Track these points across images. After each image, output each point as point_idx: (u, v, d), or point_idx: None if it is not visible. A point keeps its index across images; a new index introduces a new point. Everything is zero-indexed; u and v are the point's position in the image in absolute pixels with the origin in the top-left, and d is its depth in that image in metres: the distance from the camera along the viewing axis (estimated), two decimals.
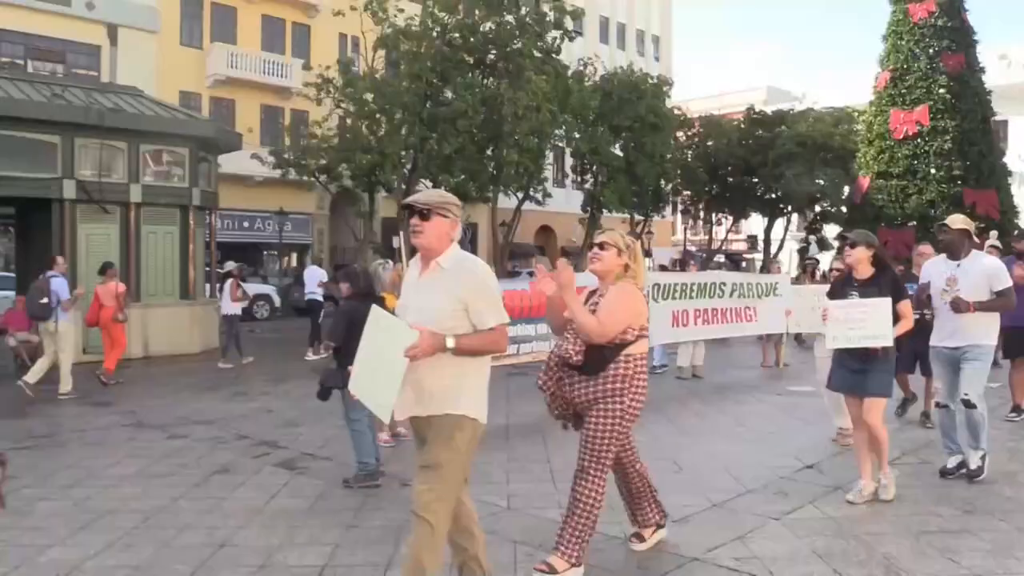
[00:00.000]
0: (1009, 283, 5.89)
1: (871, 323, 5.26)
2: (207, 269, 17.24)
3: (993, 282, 5.84)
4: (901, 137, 22.16)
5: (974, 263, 5.89)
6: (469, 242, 35.70)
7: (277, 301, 25.51)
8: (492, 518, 5.07)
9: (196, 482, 6.08)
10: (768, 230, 35.63)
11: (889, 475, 5.55)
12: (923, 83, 21.90)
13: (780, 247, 35.10)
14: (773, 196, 33.32)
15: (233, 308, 13.56)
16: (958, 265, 5.90)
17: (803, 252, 30.48)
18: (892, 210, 22.35)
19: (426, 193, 3.53)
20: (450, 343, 3.23)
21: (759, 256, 40.51)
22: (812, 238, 34.51)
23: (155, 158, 14.96)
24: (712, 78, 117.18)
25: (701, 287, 10.97)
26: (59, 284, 10.44)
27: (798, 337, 13.40)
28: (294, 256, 32.13)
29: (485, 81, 20.75)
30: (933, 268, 6.11)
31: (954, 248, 5.95)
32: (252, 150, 22.68)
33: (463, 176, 20.69)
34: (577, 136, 25.15)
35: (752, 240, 44.91)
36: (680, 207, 37.14)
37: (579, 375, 4.02)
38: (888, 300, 5.25)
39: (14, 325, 12.55)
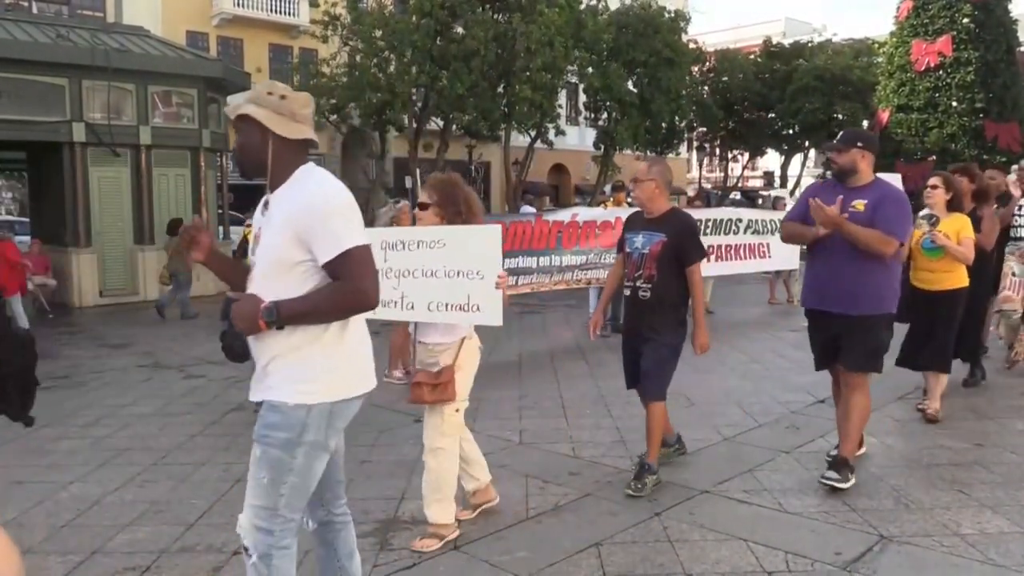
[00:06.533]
0: (348, 244, 2.40)
1: None
2: (219, 212, 17.23)
3: (316, 244, 2.43)
4: (922, 69, 21.66)
5: (282, 197, 2.52)
6: (482, 181, 35.53)
7: None
8: (504, 453, 5.12)
9: (212, 420, 6.17)
10: (785, 166, 35.16)
11: None
12: (946, 12, 21.29)
13: (797, 184, 34.67)
14: (790, 132, 32.82)
15: None
16: (266, 206, 2.59)
17: None
18: (912, 144, 21.97)
19: None
20: None
21: (776, 193, 40.20)
22: (829, 174, 34.08)
23: (164, 100, 14.83)
24: (729, 8, 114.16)
25: (716, 223, 10.87)
26: None
27: None
28: None
29: (496, 16, 20.32)
30: None
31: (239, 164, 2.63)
32: None
33: (475, 114, 20.45)
34: (590, 71, 24.73)
35: (768, 177, 44.42)
36: (695, 144, 36.71)
37: None
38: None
39: (31, 269, 12.64)
